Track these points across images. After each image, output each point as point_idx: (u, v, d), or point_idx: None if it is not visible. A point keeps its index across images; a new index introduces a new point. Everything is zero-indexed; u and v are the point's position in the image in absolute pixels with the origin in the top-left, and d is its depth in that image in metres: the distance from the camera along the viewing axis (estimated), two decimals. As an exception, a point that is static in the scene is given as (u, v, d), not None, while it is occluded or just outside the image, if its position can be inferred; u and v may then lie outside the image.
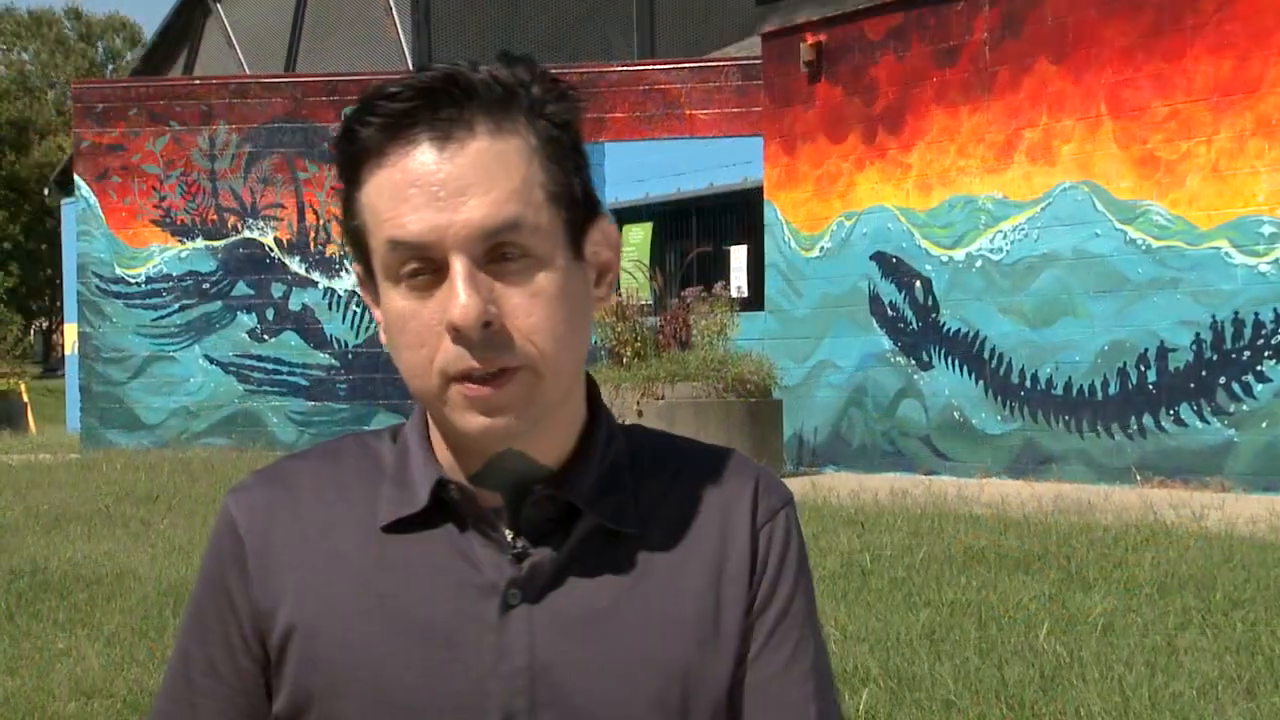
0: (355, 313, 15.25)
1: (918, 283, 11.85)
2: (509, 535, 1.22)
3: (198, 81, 16.43)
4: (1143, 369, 10.27)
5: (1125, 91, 10.40)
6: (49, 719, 4.55)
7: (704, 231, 14.60)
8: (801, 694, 1.28)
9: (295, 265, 15.31)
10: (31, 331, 52.05)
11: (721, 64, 14.87)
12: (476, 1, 19.60)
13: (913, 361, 11.91)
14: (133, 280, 15.38)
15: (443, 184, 1.14)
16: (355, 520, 1.25)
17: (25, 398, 26.85)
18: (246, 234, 15.35)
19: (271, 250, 15.32)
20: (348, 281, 15.25)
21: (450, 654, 1.20)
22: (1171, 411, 10.09)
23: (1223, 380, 9.79)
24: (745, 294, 13.31)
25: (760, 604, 1.27)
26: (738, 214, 14.20)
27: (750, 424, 10.91)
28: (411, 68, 18.91)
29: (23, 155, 49.13)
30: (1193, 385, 9.96)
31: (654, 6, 19.57)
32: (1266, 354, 9.58)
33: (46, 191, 30.77)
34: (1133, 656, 4.79)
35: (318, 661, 1.21)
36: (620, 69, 15.10)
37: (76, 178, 15.64)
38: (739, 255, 13.97)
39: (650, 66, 15.19)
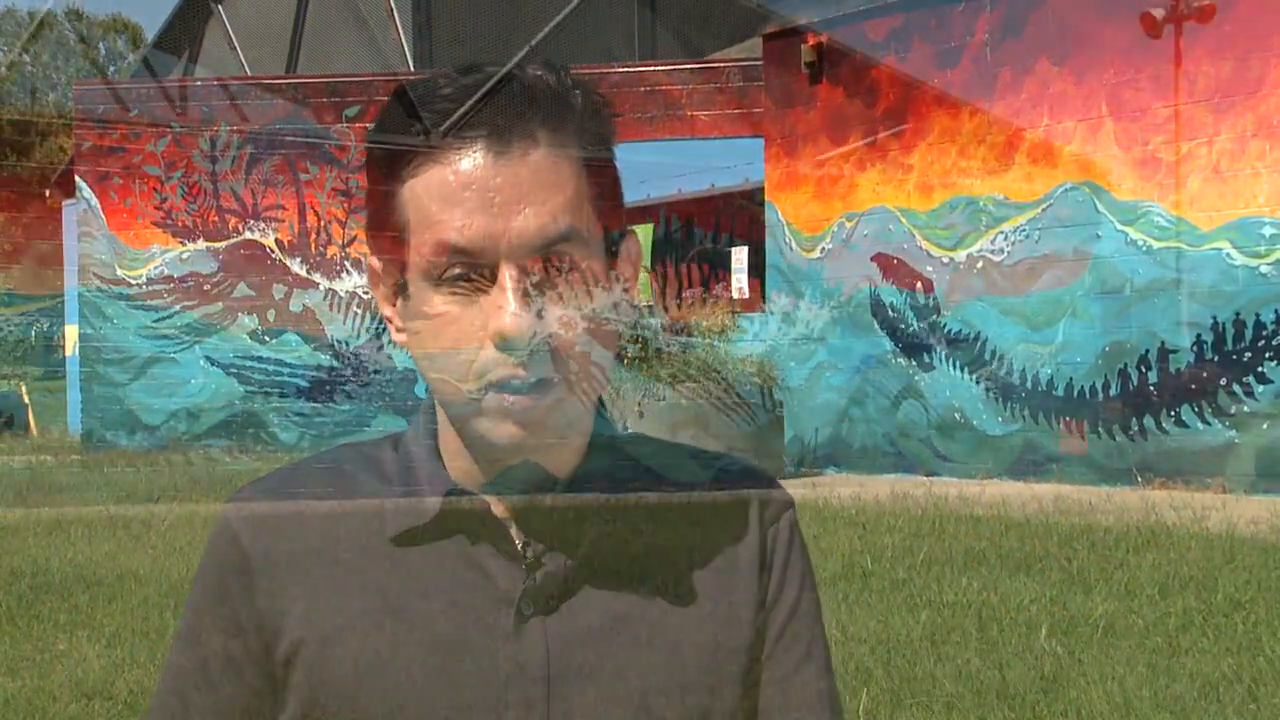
0: (356, 314, 15.25)
1: (919, 284, 11.85)
2: (520, 545, 1.21)
3: (199, 83, 16.42)
4: (1143, 370, 10.27)
5: (1126, 93, 10.40)
6: (50, 720, 4.55)
7: (705, 233, 14.59)
8: (814, 693, 1.28)
9: (296, 266, 15.31)
10: (33, 333, 52.07)
11: (722, 65, 14.87)
12: (478, 3, 19.61)
13: (913, 363, 11.90)
14: (134, 281, 15.38)
15: (499, 190, 1.11)
16: (363, 532, 1.22)
17: (26, 399, 26.84)
18: (247, 235, 15.35)
19: (272, 252, 15.32)
20: (349, 283, 15.26)
21: (465, 666, 1.18)
22: (1172, 413, 10.08)
23: (1224, 382, 9.79)
24: (746, 295, 13.31)
25: (770, 600, 1.27)
26: (739, 215, 14.19)
27: (751, 425, 10.90)
28: (413, 70, 18.90)
29: (24, 157, 49.16)
30: (1193, 387, 9.95)
31: (655, 7, 19.57)
32: (1267, 355, 9.57)
33: (48, 193, 30.73)
34: (1134, 658, 4.79)
35: (330, 675, 1.19)
36: (621, 70, 15.09)
37: (78, 179, 15.64)
38: (740, 256, 13.97)
39: (651, 68, 15.19)
